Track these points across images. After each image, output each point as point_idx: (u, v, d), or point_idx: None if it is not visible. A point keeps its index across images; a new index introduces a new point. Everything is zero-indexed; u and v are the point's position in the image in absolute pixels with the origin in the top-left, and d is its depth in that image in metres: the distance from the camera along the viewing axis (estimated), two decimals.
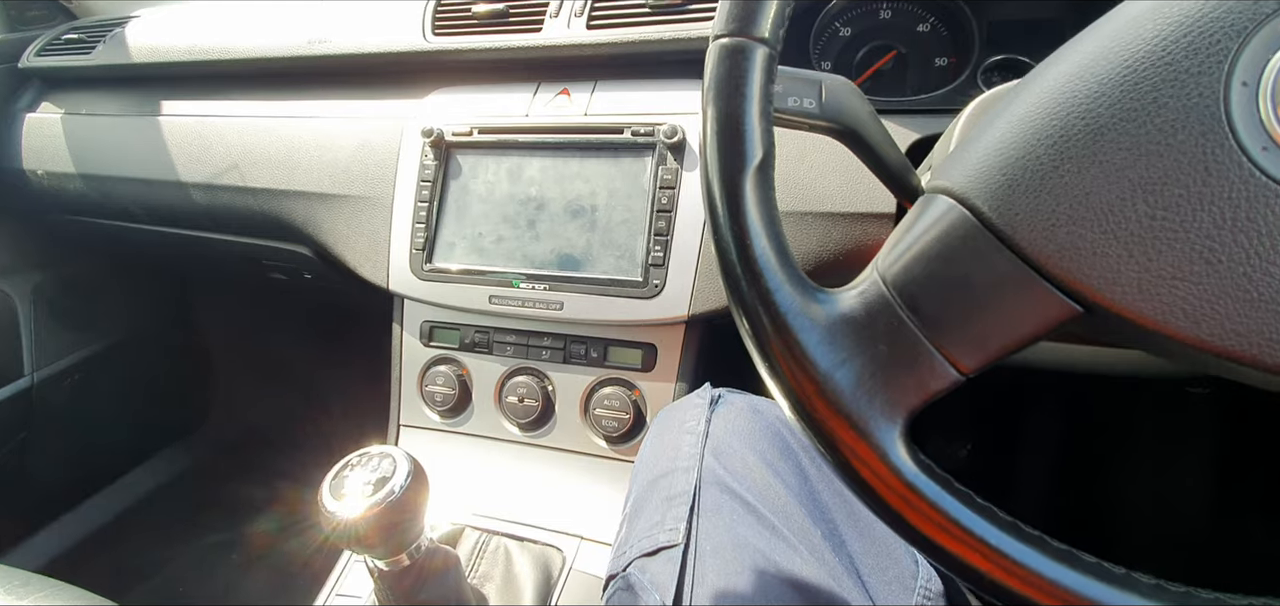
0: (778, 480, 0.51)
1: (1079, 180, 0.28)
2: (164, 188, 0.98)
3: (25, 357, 1.23)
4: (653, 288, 0.70)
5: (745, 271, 0.32)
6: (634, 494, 0.55)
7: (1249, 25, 0.26)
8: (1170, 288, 0.27)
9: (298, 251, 0.95)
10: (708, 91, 0.34)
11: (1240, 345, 0.26)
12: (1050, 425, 1.17)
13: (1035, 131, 0.29)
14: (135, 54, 1.03)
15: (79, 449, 1.35)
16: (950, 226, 0.30)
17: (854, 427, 0.30)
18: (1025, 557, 0.28)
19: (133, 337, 1.43)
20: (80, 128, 1.06)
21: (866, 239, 0.64)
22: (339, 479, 0.48)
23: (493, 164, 0.78)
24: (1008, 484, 1.16)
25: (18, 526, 1.27)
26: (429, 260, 0.79)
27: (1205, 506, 1.01)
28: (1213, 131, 0.26)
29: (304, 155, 0.88)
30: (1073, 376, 1.10)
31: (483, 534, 0.71)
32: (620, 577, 0.49)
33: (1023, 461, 1.18)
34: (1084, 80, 0.28)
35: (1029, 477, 1.17)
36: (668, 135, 0.70)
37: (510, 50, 0.80)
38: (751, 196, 0.33)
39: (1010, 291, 0.29)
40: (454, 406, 0.81)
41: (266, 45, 0.93)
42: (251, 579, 1.25)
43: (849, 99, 0.40)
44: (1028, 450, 1.18)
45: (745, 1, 0.33)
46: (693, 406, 0.58)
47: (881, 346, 0.31)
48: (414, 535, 0.50)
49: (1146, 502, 1.06)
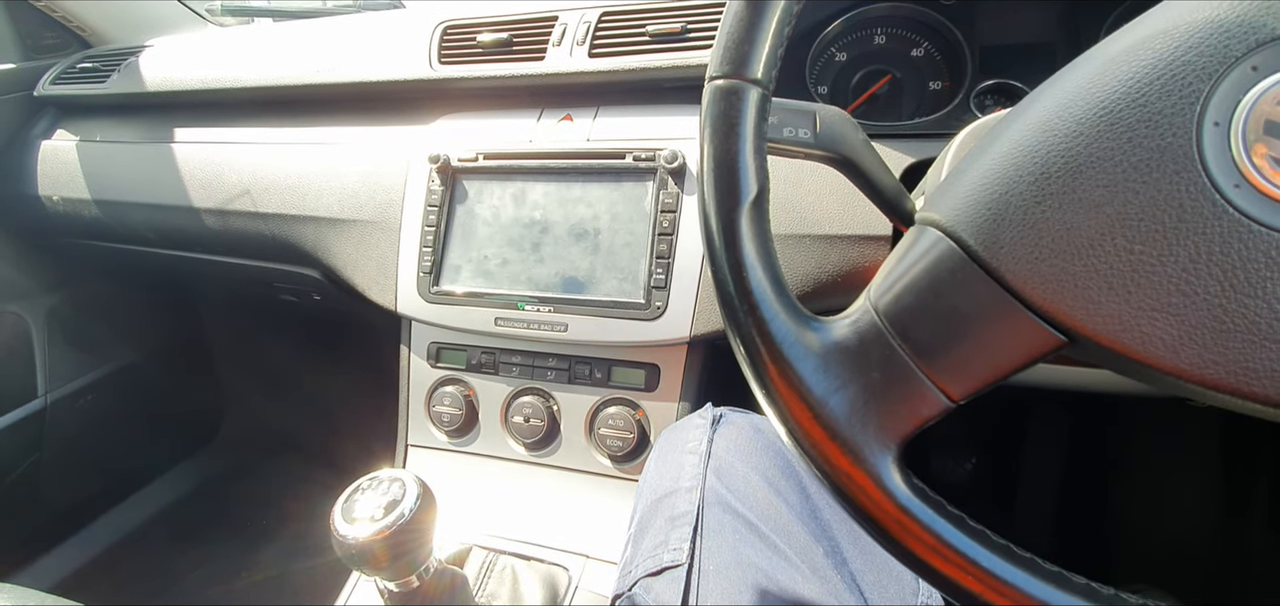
0: (779, 499, 0.52)
1: (1060, 215, 0.29)
2: (177, 213, 1.00)
3: (39, 379, 1.25)
4: (655, 309, 0.71)
5: (742, 302, 0.34)
6: (638, 514, 0.56)
7: (1220, 69, 0.27)
8: (1150, 319, 0.28)
9: (308, 275, 0.97)
10: (704, 131, 0.35)
11: (1218, 374, 0.27)
12: (1053, 440, 1.17)
13: (1017, 168, 0.30)
14: (149, 82, 1.05)
15: (91, 468, 1.37)
16: (939, 258, 0.31)
17: (848, 453, 0.32)
18: (1015, 578, 0.29)
19: (143, 359, 1.45)
20: (95, 154, 1.09)
21: (862, 261, 0.65)
22: (350, 502, 0.49)
23: (498, 188, 0.80)
24: (1011, 498, 1.16)
25: (30, 546, 1.29)
26: (436, 283, 0.80)
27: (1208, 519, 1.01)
28: (1186, 170, 0.27)
29: (314, 181, 0.90)
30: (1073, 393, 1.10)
31: (490, 553, 0.72)
32: (626, 597, 0.49)
33: (1026, 476, 1.18)
34: (1063, 119, 0.30)
35: (1032, 492, 1.17)
36: (668, 160, 0.71)
37: (514, 78, 0.82)
38: (747, 231, 0.34)
39: (996, 321, 0.30)
40: (461, 426, 0.82)
41: (277, 74, 0.96)
42: (261, 597, 1.25)
43: (843, 128, 0.41)
44: (1031, 465, 1.18)
45: (738, 44, 0.35)
46: (695, 426, 0.59)
47: (874, 374, 0.32)
48: (423, 557, 0.52)
49: (1150, 515, 1.06)
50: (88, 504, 1.38)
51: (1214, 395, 0.28)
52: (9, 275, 1.21)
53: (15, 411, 1.21)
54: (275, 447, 1.59)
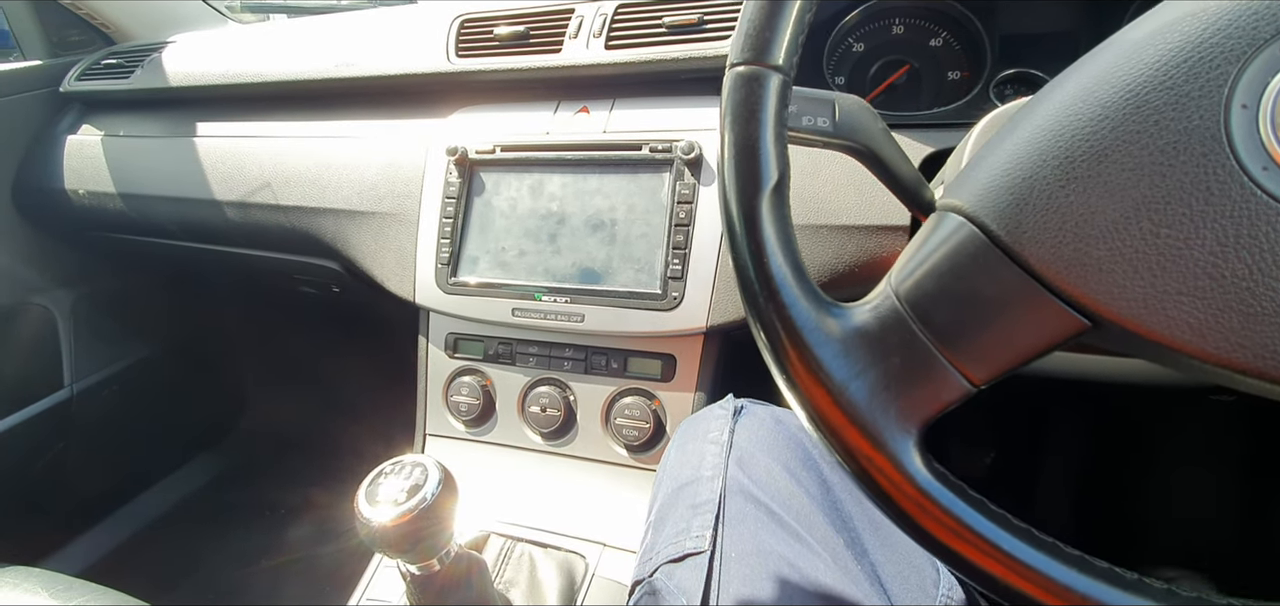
0: (800, 489, 0.52)
1: (1084, 199, 0.29)
2: (199, 206, 1.02)
3: (65, 370, 1.28)
4: (671, 300, 0.71)
5: (763, 288, 0.34)
6: (658, 502, 0.57)
7: (1248, 50, 0.27)
8: (1175, 303, 0.28)
9: (327, 267, 0.98)
10: (725, 117, 0.35)
11: (1244, 358, 0.27)
12: (1073, 433, 1.16)
13: (1042, 152, 0.30)
14: (172, 78, 1.07)
15: (116, 457, 1.40)
16: (961, 243, 0.31)
17: (869, 438, 0.32)
18: (1038, 562, 0.29)
19: (167, 349, 1.48)
20: (119, 149, 1.11)
21: (880, 251, 0.65)
22: (374, 486, 0.50)
23: (515, 180, 0.80)
24: (1030, 492, 1.15)
25: (59, 532, 1.32)
26: (454, 274, 0.81)
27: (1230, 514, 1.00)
28: (1214, 152, 0.27)
29: (333, 174, 0.91)
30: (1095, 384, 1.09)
31: (508, 540, 0.73)
32: (646, 583, 0.50)
33: (1045, 469, 1.17)
34: (1088, 102, 0.30)
35: (1052, 485, 1.16)
36: (685, 151, 0.71)
37: (531, 71, 0.82)
38: (767, 217, 0.34)
39: (1019, 306, 0.30)
40: (478, 416, 0.83)
41: (297, 69, 0.97)
42: (285, 581, 1.28)
43: (862, 117, 0.41)
44: (1050, 458, 1.17)
45: (760, 31, 0.35)
46: (716, 417, 0.59)
47: (895, 359, 0.32)
48: (444, 541, 0.52)
49: (1170, 510, 1.05)
50: (113, 492, 1.41)
51: (1239, 378, 0.28)
52: (36, 268, 1.24)
53: (43, 401, 1.23)
54: (295, 438, 1.61)
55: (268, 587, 1.28)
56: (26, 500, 1.25)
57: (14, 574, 0.69)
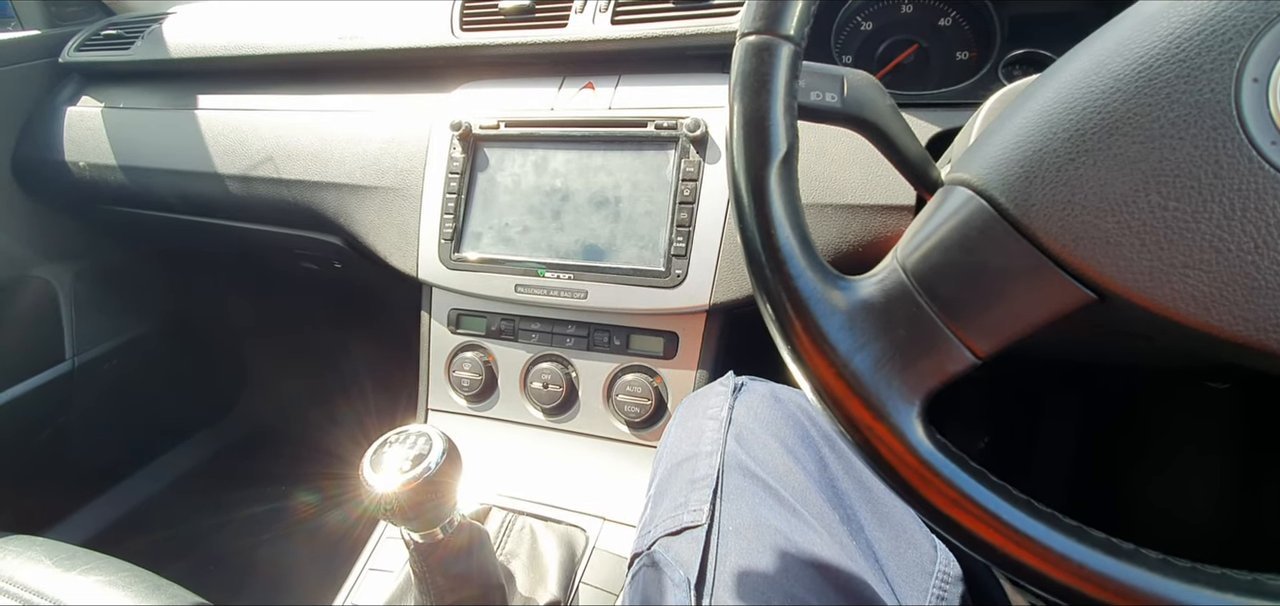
0: (798, 465, 0.53)
1: (1093, 172, 0.29)
2: (201, 179, 1.02)
3: (66, 342, 1.28)
4: (675, 277, 0.71)
5: (769, 260, 0.34)
6: (658, 476, 0.57)
7: (1260, 24, 0.27)
8: (1181, 275, 0.28)
9: (329, 241, 0.98)
10: (734, 87, 0.35)
11: (1247, 331, 0.27)
12: (1068, 418, 1.17)
13: (1052, 125, 0.30)
14: (173, 49, 1.06)
15: (119, 428, 1.40)
16: (969, 216, 0.31)
17: (872, 408, 0.32)
18: (1037, 532, 0.30)
19: (169, 322, 1.48)
20: (119, 121, 1.10)
21: (885, 230, 0.65)
22: (378, 454, 0.51)
23: (519, 156, 0.80)
24: (1025, 476, 1.16)
25: (62, 502, 1.33)
26: (457, 250, 0.81)
27: (1225, 500, 1.01)
28: (1224, 126, 0.27)
29: (336, 148, 0.91)
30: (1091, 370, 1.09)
31: (509, 513, 0.73)
32: (645, 555, 0.50)
33: (1040, 454, 1.18)
34: (1099, 75, 0.30)
35: (1046, 470, 1.17)
36: (691, 129, 0.71)
37: (536, 45, 0.82)
38: (776, 188, 0.34)
39: (1026, 278, 0.30)
40: (480, 392, 0.84)
41: (299, 41, 0.96)
42: (288, 551, 1.29)
43: (870, 93, 0.41)
44: (1045, 443, 1.18)
45: (772, 1, 0.35)
46: (716, 394, 0.60)
47: (900, 331, 0.32)
48: (448, 510, 0.53)
49: (1164, 497, 1.06)
50: (116, 463, 1.42)
51: (1243, 351, 0.28)
52: (38, 241, 1.24)
53: (44, 373, 1.24)
54: (298, 409, 1.62)
55: (271, 555, 1.29)
56: (30, 471, 1.26)
57: (18, 542, 0.70)
